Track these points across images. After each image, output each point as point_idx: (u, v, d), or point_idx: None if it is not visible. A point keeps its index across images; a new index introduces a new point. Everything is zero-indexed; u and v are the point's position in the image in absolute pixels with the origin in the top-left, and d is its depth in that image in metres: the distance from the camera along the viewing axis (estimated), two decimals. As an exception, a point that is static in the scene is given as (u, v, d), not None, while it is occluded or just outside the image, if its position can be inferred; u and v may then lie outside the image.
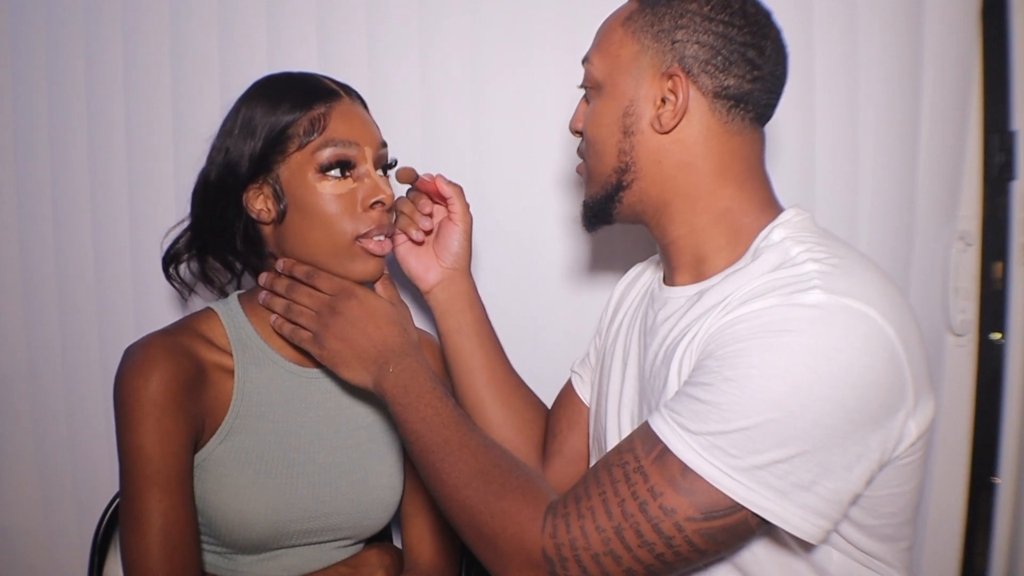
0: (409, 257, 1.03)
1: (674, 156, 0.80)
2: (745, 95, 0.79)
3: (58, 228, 1.34)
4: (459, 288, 1.03)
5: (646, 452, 0.69)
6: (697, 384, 0.69)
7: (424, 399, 0.82)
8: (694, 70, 0.78)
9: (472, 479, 0.76)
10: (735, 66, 0.78)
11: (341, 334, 0.89)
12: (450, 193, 1.01)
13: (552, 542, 0.69)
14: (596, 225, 0.89)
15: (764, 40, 0.79)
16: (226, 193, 0.90)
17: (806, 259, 0.72)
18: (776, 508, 0.65)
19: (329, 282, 0.91)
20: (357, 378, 0.88)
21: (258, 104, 0.90)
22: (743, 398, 0.65)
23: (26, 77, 1.33)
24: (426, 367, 0.86)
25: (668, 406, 0.71)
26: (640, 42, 0.80)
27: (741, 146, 0.81)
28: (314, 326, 0.90)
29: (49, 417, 1.36)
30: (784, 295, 0.68)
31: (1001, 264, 1.18)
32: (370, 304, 0.90)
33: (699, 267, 0.82)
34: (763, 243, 0.78)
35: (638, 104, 0.80)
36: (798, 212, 0.81)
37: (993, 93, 1.17)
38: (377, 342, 0.88)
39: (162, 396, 0.84)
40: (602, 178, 0.85)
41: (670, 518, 0.66)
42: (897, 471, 0.71)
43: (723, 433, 0.66)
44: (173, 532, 0.83)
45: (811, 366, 0.65)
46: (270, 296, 0.94)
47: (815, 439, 0.65)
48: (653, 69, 0.80)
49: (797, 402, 0.64)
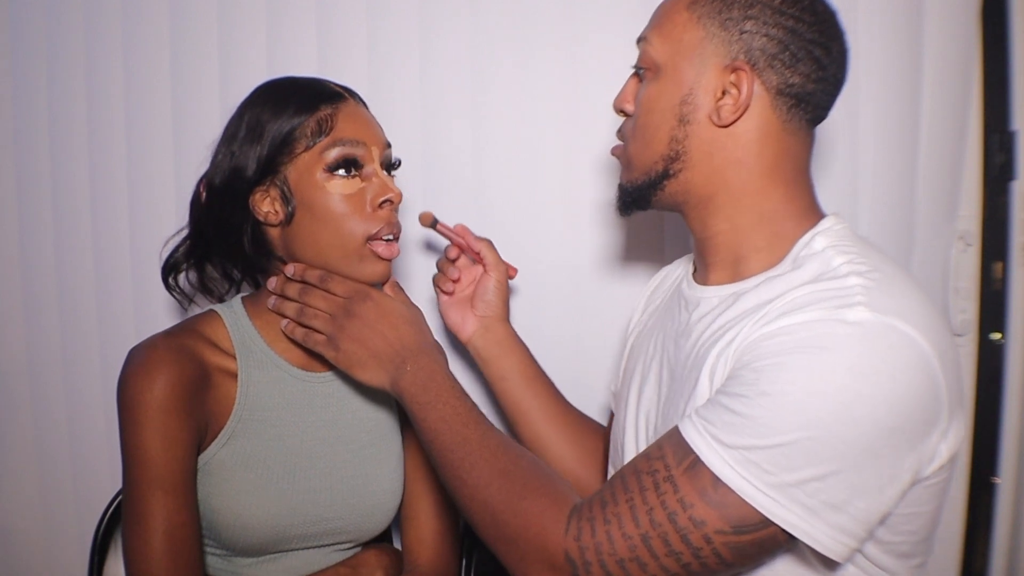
0: (449, 310, 1.08)
1: (727, 150, 0.78)
2: (807, 95, 0.77)
3: (58, 229, 1.34)
4: (496, 335, 1.05)
5: (677, 461, 0.68)
6: (733, 395, 0.68)
7: (443, 398, 0.82)
8: (760, 64, 0.75)
9: (493, 478, 0.75)
10: (802, 63, 0.75)
11: (357, 336, 0.88)
12: (479, 247, 1.05)
13: (576, 545, 0.69)
14: (631, 210, 0.87)
15: (832, 40, 0.77)
16: (233, 197, 0.90)
17: (849, 271, 0.70)
18: (806, 526, 0.64)
19: (343, 285, 0.90)
20: (374, 379, 0.87)
21: (263, 108, 0.90)
22: (780, 414, 0.64)
23: (26, 77, 1.33)
24: (444, 366, 0.86)
25: (701, 415, 0.69)
26: (706, 28, 0.77)
27: (794, 147, 0.79)
28: (328, 329, 0.89)
29: (49, 417, 1.36)
30: (827, 309, 0.67)
31: (1001, 264, 1.18)
32: (385, 305, 0.89)
33: (735, 266, 0.81)
34: (804, 251, 0.76)
35: (697, 93, 0.77)
36: (838, 220, 0.79)
37: (993, 93, 1.17)
38: (393, 342, 0.87)
39: (166, 399, 0.84)
40: (646, 164, 0.82)
41: (699, 530, 0.65)
42: (923, 491, 0.70)
43: (758, 448, 0.65)
44: (176, 535, 0.83)
45: (850, 385, 0.64)
46: (280, 301, 0.93)
47: (850, 459, 0.64)
48: (717, 59, 0.77)
49: (834, 421, 0.63)
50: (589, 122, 1.21)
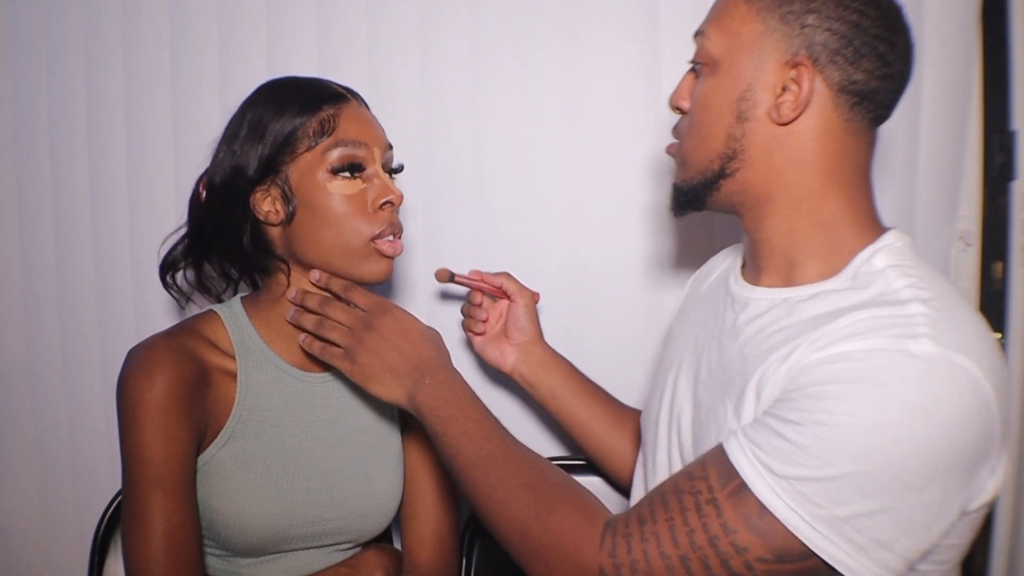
0: (485, 349, 1.10)
1: (786, 149, 0.75)
2: (871, 92, 0.73)
3: (58, 229, 1.34)
4: (537, 357, 1.08)
5: (721, 484, 0.66)
6: (785, 420, 0.65)
7: (464, 412, 0.81)
8: (822, 59, 0.72)
9: (521, 492, 0.74)
10: (866, 59, 0.72)
11: (375, 349, 0.86)
12: (499, 282, 1.09)
13: (611, 561, 0.68)
14: (686, 211, 0.84)
15: (896, 35, 0.74)
16: (233, 196, 0.90)
17: (911, 297, 0.68)
18: (852, 562, 0.63)
19: (365, 297, 0.90)
20: (390, 394, 0.86)
21: (266, 107, 0.90)
22: (834, 446, 0.62)
23: (26, 77, 1.32)
24: (463, 381, 0.85)
25: (749, 437, 0.67)
26: (765, 22, 0.74)
27: (856, 148, 0.76)
28: (346, 341, 0.88)
29: (49, 417, 1.36)
30: (889, 338, 0.64)
31: (1001, 264, 1.18)
32: (404, 320, 0.89)
33: (788, 270, 0.78)
34: (864, 267, 0.73)
35: (756, 90, 0.75)
36: (899, 236, 0.76)
37: (993, 93, 1.17)
38: (411, 356, 0.86)
39: (166, 399, 0.84)
40: (702, 163, 0.79)
41: (740, 556, 0.64)
42: (964, 524, 0.69)
43: (809, 480, 0.63)
44: (176, 535, 0.83)
45: (907, 422, 0.62)
46: (300, 313, 0.92)
47: (901, 496, 0.62)
48: (777, 54, 0.74)
49: (887, 457, 0.62)
50: (589, 122, 1.21)
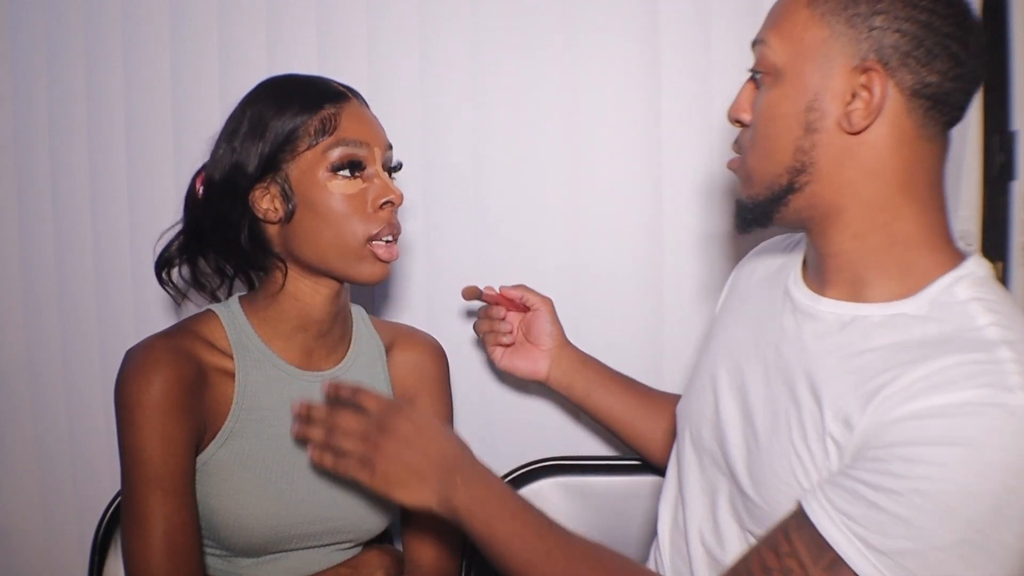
0: (515, 362, 1.12)
1: (859, 160, 0.71)
2: (944, 95, 0.69)
3: (58, 228, 1.34)
4: (568, 361, 1.11)
5: (813, 560, 0.63)
6: (877, 488, 0.62)
7: (507, 509, 0.77)
8: (892, 62, 0.68)
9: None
10: (938, 60, 0.68)
11: (393, 454, 0.80)
12: (519, 294, 1.11)
13: None
14: (751, 228, 0.79)
15: (968, 33, 0.69)
16: (232, 193, 0.90)
17: (998, 339, 0.64)
18: None
19: (375, 400, 0.84)
20: (418, 499, 0.80)
21: (266, 105, 0.90)
22: (937, 516, 0.59)
23: (26, 77, 1.33)
24: (494, 473, 0.81)
25: (837, 507, 0.64)
26: (830, 26, 0.70)
27: (929, 155, 0.72)
28: (362, 449, 0.81)
29: (49, 417, 1.36)
30: (982, 389, 0.61)
31: (1001, 264, 1.17)
32: (420, 420, 0.83)
33: (857, 286, 0.74)
34: (944, 296, 0.69)
35: (824, 98, 0.70)
36: (980, 263, 0.72)
37: (993, 93, 1.17)
38: (436, 457, 0.80)
39: (164, 400, 0.84)
40: (768, 178, 0.75)
41: None
42: None
43: (911, 552, 0.60)
44: (176, 535, 0.83)
45: (1011, 485, 0.59)
46: (304, 426, 0.86)
47: (1005, 563, 0.60)
48: (844, 59, 0.69)
49: (991, 524, 0.59)
50: (589, 122, 1.21)
